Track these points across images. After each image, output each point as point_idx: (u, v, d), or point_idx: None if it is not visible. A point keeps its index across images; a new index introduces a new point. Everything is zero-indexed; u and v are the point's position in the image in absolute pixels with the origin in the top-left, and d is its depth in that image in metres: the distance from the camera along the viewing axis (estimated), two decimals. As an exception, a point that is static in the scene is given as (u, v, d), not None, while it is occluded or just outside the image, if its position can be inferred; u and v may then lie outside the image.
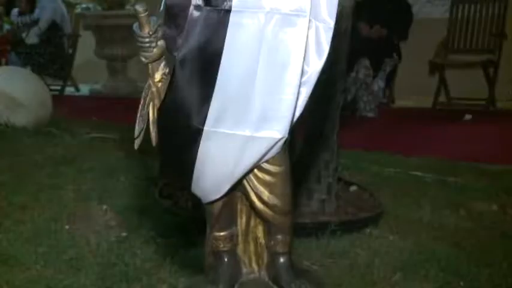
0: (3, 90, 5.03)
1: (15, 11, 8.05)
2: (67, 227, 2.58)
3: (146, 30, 1.68)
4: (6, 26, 8.17)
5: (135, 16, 1.69)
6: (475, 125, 5.97)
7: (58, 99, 6.33)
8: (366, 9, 6.49)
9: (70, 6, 8.30)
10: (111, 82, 8.29)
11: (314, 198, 2.94)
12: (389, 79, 6.82)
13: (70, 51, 8.22)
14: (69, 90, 8.33)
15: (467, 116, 6.20)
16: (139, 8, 1.68)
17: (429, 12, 7.55)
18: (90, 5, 8.23)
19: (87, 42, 8.37)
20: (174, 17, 1.64)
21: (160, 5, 1.71)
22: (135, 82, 8.09)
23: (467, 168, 3.93)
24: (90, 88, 8.43)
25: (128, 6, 8.09)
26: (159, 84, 1.72)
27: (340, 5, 1.66)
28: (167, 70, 1.72)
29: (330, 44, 1.64)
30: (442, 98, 6.94)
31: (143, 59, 1.70)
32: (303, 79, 1.61)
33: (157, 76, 1.72)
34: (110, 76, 8.32)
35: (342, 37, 3.84)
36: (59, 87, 8.08)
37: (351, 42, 3.93)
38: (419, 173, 3.79)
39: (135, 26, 1.70)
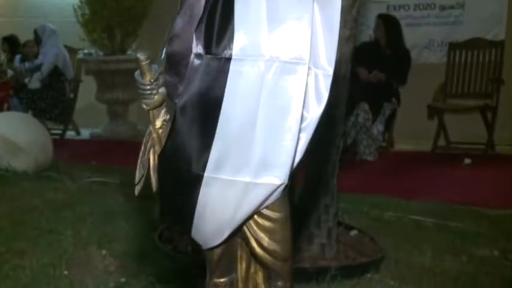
0: (4, 135, 5.06)
1: (18, 57, 8.15)
2: (66, 272, 2.57)
3: (147, 77, 1.71)
4: (10, 72, 8.25)
5: (136, 61, 1.72)
6: (474, 169, 5.98)
7: (59, 143, 6.36)
8: (365, 54, 6.56)
9: (72, 52, 8.40)
10: (111, 126, 8.33)
11: (314, 242, 2.93)
12: (389, 123, 6.86)
13: (71, 95, 8.28)
14: (70, 134, 8.36)
15: (467, 160, 6.21)
16: (141, 56, 1.71)
17: (427, 57, 7.63)
18: (92, 51, 8.32)
19: (88, 87, 8.44)
20: (175, 65, 1.67)
21: (162, 53, 1.74)
22: (135, 126, 8.13)
23: (467, 212, 3.93)
24: (90, 132, 8.46)
25: (129, 52, 8.18)
26: (160, 131, 1.74)
27: (339, 50, 1.69)
28: (168, 117, 1.74)
29: (329, 90, 1.66)
30: (441, 142, 6.96)
31: (144, 106, 1.72)
32: (303, 125, 1.63)
33: (158, 123, 1.74)
34: (111, 120, 8.37)
35: (341, 82, 3.89)
36: (59, 131, 8.11)
37: (351, 86, 3.97)
38: (419, 217, 3.78)
39: (137, 73, 1.73)
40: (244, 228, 1.69)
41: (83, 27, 8.02)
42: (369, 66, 6.68)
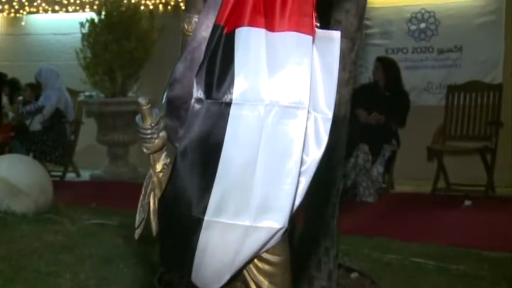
0: (4, 178, 5.07)
1: (19, 99, 8.21)
2: (64, 316, 2.55)
3: (148, 122, 1.73)
4: (11, 114, 8.30)
5: (136, 103, 1.74)
6: (474, 211, 5.97)
7: (59, 185, 6.36)
8: (364, 96, 6.61)
9: (74, 94, 8.47)
10: (112, 167, 8.34)
11: (315, 285, 2.91)
12: (389, 165, 6.87)
13: (72, 137, 8.31)
14: (70, 175, 8.37)
15: (467, 202, 6.20)
16: (141, 100, 1.73)
17: (426, 99, 7.69)
18: (93, 93, 8.38)
19: (89, 129, 8.47)
20: (176, 109, 1.69)
21: (162, 98, 1.76)
22: (136, 167, 8.14)
23: (468, 255, 3.90)
24: (90, 173, 8.46)
25: (130, 94, 8.24)
26: (160, 175, 1.75)
27: (338, 93, 1.72)
28: (168, 160, 1.75)
29: (328, 134, 1.68)
30: (441, 184, 6.96)
31: (145, 150, 1.74)
32: (303, 168, 1.64)
33: (159, 166, 1.76)
34: (111, 161, 8.38)
35: (340, 124, 3.91)
36: (60, 173, 8.12)
37: (350, 128, 3.99)
38: (420, 260, 3.77)
39: (138, 117, 1.74)
40: (244, 272, 1.69)
41: (85, 70, 8.10)
42: (368, 108, 6.72)
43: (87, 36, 8.06)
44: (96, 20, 8.06)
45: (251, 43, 1.62)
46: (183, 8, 7.74)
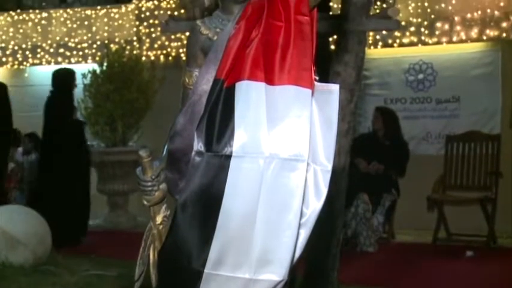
0: (3, 229, 5.04)
1: (20, 150, 8.23)
2: None
3: (149, 174, 1.74)
4: (11, 165, 8.30)
5: (137, 155, 1.76)
6: (476, 262, 5.92)
7: (58, 235, 6.31)
8: (364, 146, 6.64)
9: (74, 144, 8.49)
10: (111, 217, 8.30)
11: (315, 338, 2.88)
12: (389, 214, 6.84)
13: (72, 186, 8.31)
14: (69, 225, 8.32)
15: (469, 253, 6.15)
16: (142, 153, 1.75)
17: (425, 149, 7.72)
18: (94, 142, 8.41)
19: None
20: (176, 162, 1.71)
21: (163, 150, 1.78)
22: (135, 217, 8.11)
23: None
24: (90, 223, 8.42)
25: (130, 143, 8.28)
26: (160, 227, 1.76)
27: (337, 143, 1.74)
28: (168, 213, 1.76)
29: (328, 186, 1.69)
30: (442, 234, 6.93)
31: (145, 202, 1.75)
32: (302, 221, 1.64)
33: (159, 219, 1.77)
34: (111, 210, 8.35)
35: (340, 174, 3.93)
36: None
37: (350, 177, 4.00)
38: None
39: (138, 170, 1.76)
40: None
41: (86, 120, 8.15)
42: (368, 157, 6.74)
43: (89, 86, 8.15)
44: (98, 71, 8.16)
45: (251, 96, 1.65)
46: (183, 59, 7.84)
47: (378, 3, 7.58)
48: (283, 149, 1.62)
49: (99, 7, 9.29)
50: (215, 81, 1.69)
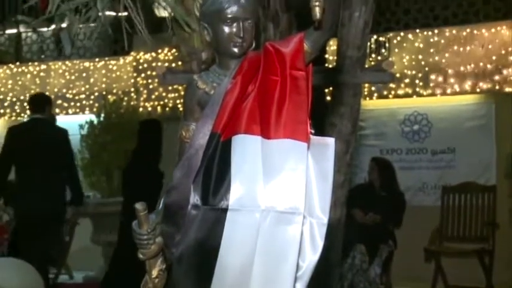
0: (-4, 284, 4.98)
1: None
2: None
3: (145, 227, 1.74)
4: (6, 217, 8.24)
5: (134, 208, 1.76)
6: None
7: (51, 287, 6.24)
8: (360, 197, 6.63)
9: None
10: (106, 268, 8.22)
11: None
12: (386, 265, 6.79)
13: (67, 238, 8.24)
14: (63, 277, 8.23)
15: (467, 304, 6.10)
16: (138, 206, 1.76)
17: (421, 200, 7.72)
18: (90, 193, 8.40)
19: (84, 229, 8.41)
20: (173, 215, 1.72)
21: (159, 204, 1.79)
22: (130, 269, 8.05)
23: None
24: (84, 275, 8.33)
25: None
26: (156, 281, 1.75)
27: (333, 195, 1.74)
28: (164, 266, 1.76)
29: (324, 239, 1.69)
30: (439, 285, 6.87)
31: (141, 256, 1.75)
32: (298, 274, 1.64)
33: (155, 272, 1.76)
34: (106, 262, 8.27)
35: (336, 225, 3.92)
36: (52, 275, 7.98)
37: (346, 228, 3.99)
38: None
39: (134, 223, 1.77)
40: None
41: (82, 171, 8.15)
42: (364, 208, 6.73)
43: (86, 137, 8.18)
44: (95, 122, 8.20)
45: (247, 150, 1.67)
46: (181, 109, 7.90)
47: (373, 55, 7.70)
48: (279, 202, 1.63)
49: (97, 59, 9.40)
50: (212, 135, 1.71)
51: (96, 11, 3.50)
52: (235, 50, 1.84)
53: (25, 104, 9.50)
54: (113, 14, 3.94)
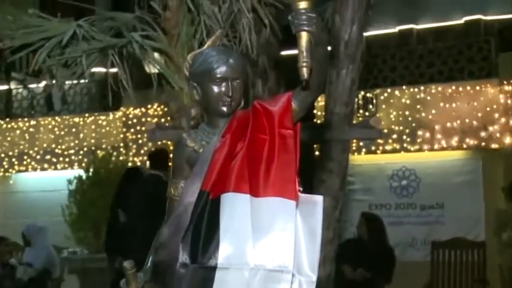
0: None
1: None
2: None
3: (133, 286, 1.73)
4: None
5: (122, 267, 1.75)
6: None
7: None
8: (349, 252, 6.59)
9: (57, 251, 8.37)
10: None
11: None
12: (377, 322, 6.72)
13: (53, 295, 8.12)
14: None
15: None
16: (127, 264, 1.75)
17: (411, 255, 7.69)
18: (77, 249, 8.31)
19: (70, 286, 8.29)
20: (161, 274, 1.71)
21: (147, 262, 1.78)
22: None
23: None
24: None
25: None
26: None
27: (322, 251, 1.75)
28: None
29: (312, 296, 1.69)
30: None
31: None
32: (287, 332, 1.63)
33: (142, 332, 1.74)
34: (92, 320, 8.14)
35: (325, 281, 3.89)
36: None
37: (336, 284, 3.96)
38: None
39: (122, 282, 1.75)
40: None
41: (70, 226, 8.09)
42: (354, 264, 6.68)
43: (74, 192, 8.15)
44: (84, 177, 8.18)
45: (236, 208, 1.68)
46: (169, 165, 7.91)
47: (360, 111, 7.80)
48: (268, 261, 1.63)
49: (87, 114, 9.45)
50: (201, 192, 1.72)
51: (81, 66, 3.54)
52: (224, 109, 1.87)
53: (13, 159, 9.50)
54: (103, 70, 3.98)
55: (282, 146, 1.70)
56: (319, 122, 5.99)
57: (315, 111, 6.63)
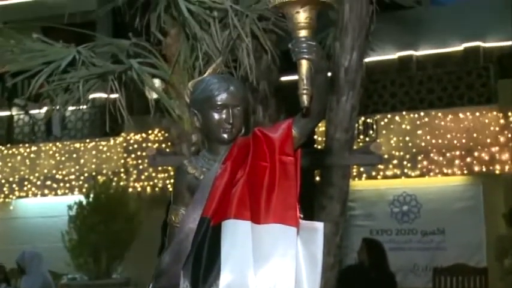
0: None
1: (3, 286, 8.02)
2: None
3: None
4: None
5: (121, 285, 1.75)
6: None
7: None
8: (350, 278, 6.55)
9: (56, 277, 8.31)
10: None
11: None
12: None
13: (52, 322, 8.05)
14: None
15: None
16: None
17: (413, 281, 7.66)
18: (77, 275, 8.27)
19: (69, 313, 8.24)
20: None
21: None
22: None
23: None
24: None
25: (114, 275, 8.14)
26: None
27: (323, 278, 1.74)
28: None
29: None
30: None
31: None
32: None
33: None
34: None
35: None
36: None
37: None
38: None
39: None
40: None
41: (70, 252, 8.06)
42: (355, 292, 6.64)
43: (75, 218, 8.13)
44: (84, 203, 8.17)
45: (237, 235, 1.67)
46: (170, 189, 7.91)
47: (361, 136, 7.81)
48: (269, 286, 1.63)
49: (87, 140, 9.47)
50: (201, 219, 1.72)
51: (79, 92, 3.55)
52: (225, 136, 1.87)
53: (14, 185, 9.49)
54: (104, 95, 4.00)
55: (282, 172, 1.70)
56: (319, 147, 5.99)
57: (315, 137, 6.64)
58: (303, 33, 1.66)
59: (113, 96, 3.78)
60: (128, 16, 3.81)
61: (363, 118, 7.81)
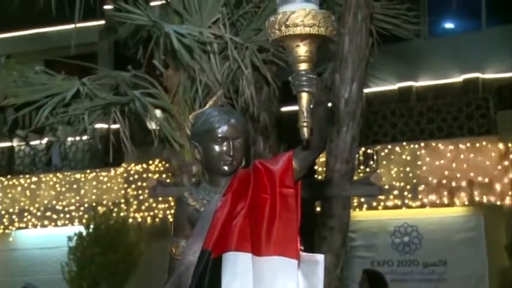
0: None
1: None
2: None
3: None
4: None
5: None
6: None
7: None
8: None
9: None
10: None
11: None
12: None
13: None
14: None
15: None
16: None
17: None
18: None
19: None
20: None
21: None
22: None
23: None
24: None
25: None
26: None
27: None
28: None
29: None
30: None
31: None
32: None
33: None
34: None
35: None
36: None
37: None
38: None
39: None
40: None
41: (69, 284, 8.01)
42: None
43: (74, 249, 8.09)
44: (84, 234, 8.14)
45: (238, 267, 1.67)
46: (170, 220, 7.88)
47: (361, 167, 7.81)
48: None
49: (88, 171, 9.47)
50: (202, 251, 1.71)
51: (83, 124, 3.57)
52: (226, 168, 1.88)
53: (14, 216, 9.47)
54: (105, 126, 4.02)
55: (283, 205, 1.71)
56: (320, 178, 5.99)
57: (316, 167, 6.64)
58: (303, 66, 1.68)
59: (113, 126, 3.80)
60: (129, 48, 3.85)
61: (363, 149, 7.82)
